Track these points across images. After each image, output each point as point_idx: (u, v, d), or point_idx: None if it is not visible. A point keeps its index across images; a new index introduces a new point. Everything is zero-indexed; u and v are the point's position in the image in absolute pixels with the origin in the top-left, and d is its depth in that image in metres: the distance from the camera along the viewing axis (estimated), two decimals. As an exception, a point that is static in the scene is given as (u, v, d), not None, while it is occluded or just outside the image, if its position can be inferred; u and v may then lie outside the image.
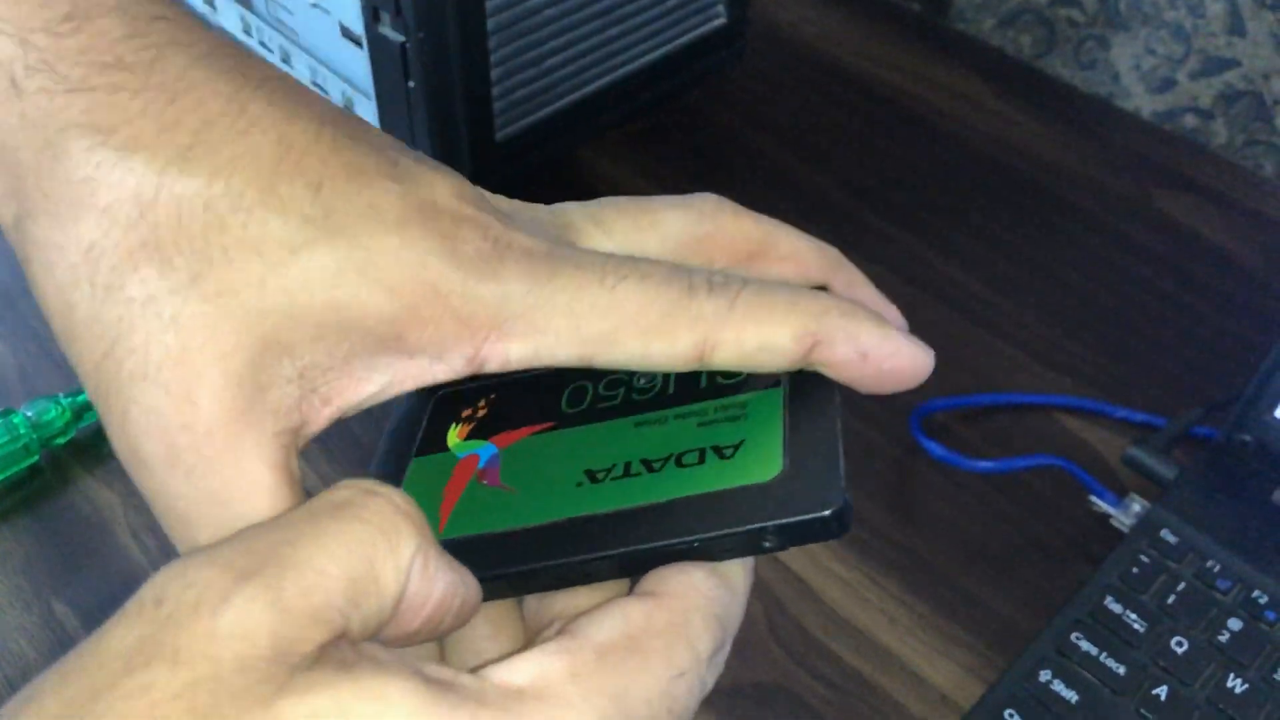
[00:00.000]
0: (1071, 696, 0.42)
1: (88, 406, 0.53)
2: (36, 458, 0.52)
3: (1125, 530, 0.47)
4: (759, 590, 0.48)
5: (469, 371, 0.24)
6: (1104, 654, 0.43)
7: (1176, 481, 0.48)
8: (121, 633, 0.18)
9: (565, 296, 0.24)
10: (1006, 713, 0.42)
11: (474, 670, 0.20)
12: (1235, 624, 0.44)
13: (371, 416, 0.25)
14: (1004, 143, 0.69)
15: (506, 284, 0.23)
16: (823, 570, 0.49)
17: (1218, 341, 0.58)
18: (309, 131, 0.23)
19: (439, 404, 0.28)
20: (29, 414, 0.52)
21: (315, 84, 0.61)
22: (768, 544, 0.23)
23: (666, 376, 0.27)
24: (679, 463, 0.25)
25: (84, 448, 0.53)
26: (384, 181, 0.23)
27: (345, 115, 0.24)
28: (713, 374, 0.26)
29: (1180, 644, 0.43)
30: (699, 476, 0.24)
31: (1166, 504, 0.47)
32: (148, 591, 0.18)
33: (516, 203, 0.26)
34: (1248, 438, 0.48)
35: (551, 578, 0.24)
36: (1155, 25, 0.69)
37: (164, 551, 0.49)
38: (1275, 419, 0.48)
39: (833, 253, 0.28)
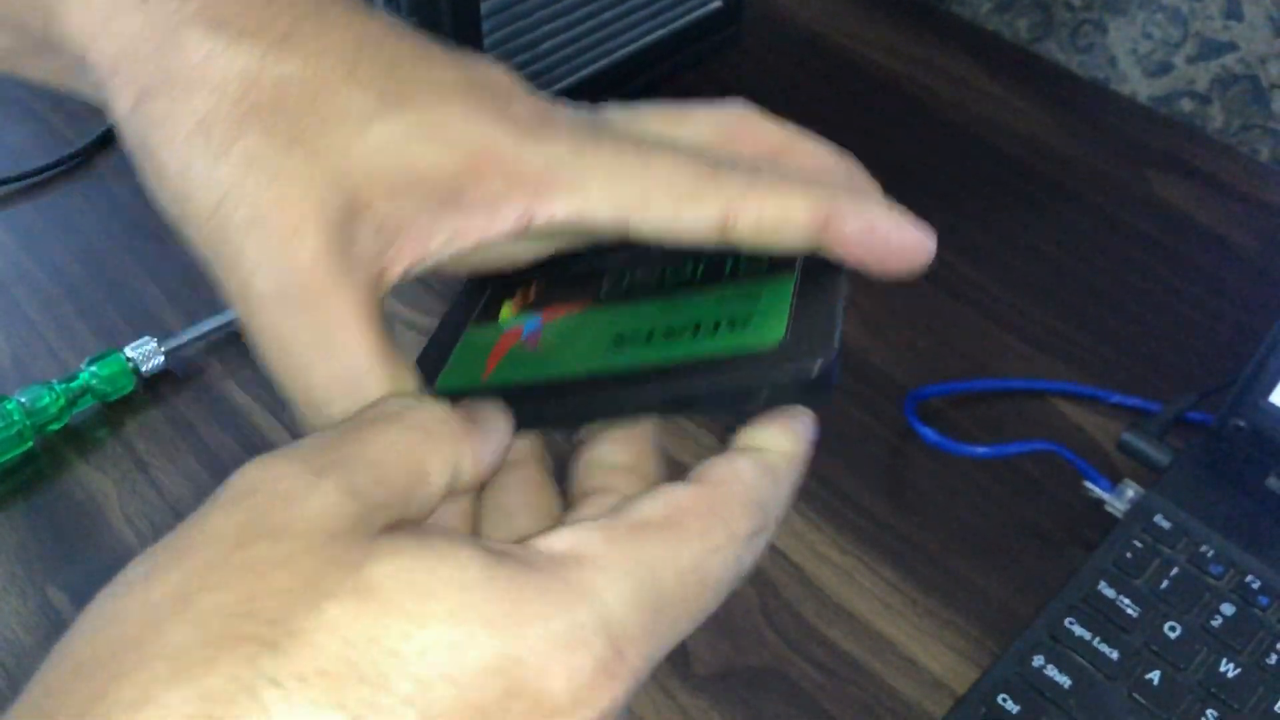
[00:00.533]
0: (1065, 681, 0.42)
1: (81, 393, 0.53)
2: (30, 444, 0.52)
3: (1119, 515, 0.47)
4: (752, 575, 0.48)
5: (519, 229, 0.27)
6: (1097, 639, 0.43)
7: (1171, 467, 0.48)
8: (223, 517, 0.21)
9: (605, 160, 0.27)
10: (1000, 697, 0.42)
11: (517, 542, 0.23)
12: (1228, 609, 0.44)
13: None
14: (1000, 127, 0.69)
15: (553, 146, 0.27)
16: (817, 555, 0.49)
17: (1213, 326, 0.58)
18: (381, 29, 0.27)
19: (495, 289, 0.32)
20: (23, 400, 0.51)
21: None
22: (764, 399, 0.26)
23: (696, 263, 0.30)
24: (695, 331, 0.28)
25: (78, 434, 0.53)
26: (446, 62, 0.27)
27: (405, 24, 0.28)
28: (737, 261, 0.30)
29: (1173, 629, 0.43)
30: (711, 342, 0.28)
31: (1160, 489, 0.47)
32: (239, 483, 0.22)
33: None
34: (1242, 423, 0.48)
35: (569, 418, 0.28)
36: (1152, 9, 0.68)
37: (157, 537, 0.49)
38: (1270, 404, 0.48)
39: (851, 160, 0.31)
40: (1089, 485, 0.49)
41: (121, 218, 0.63)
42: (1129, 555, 0.45)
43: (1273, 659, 0.43)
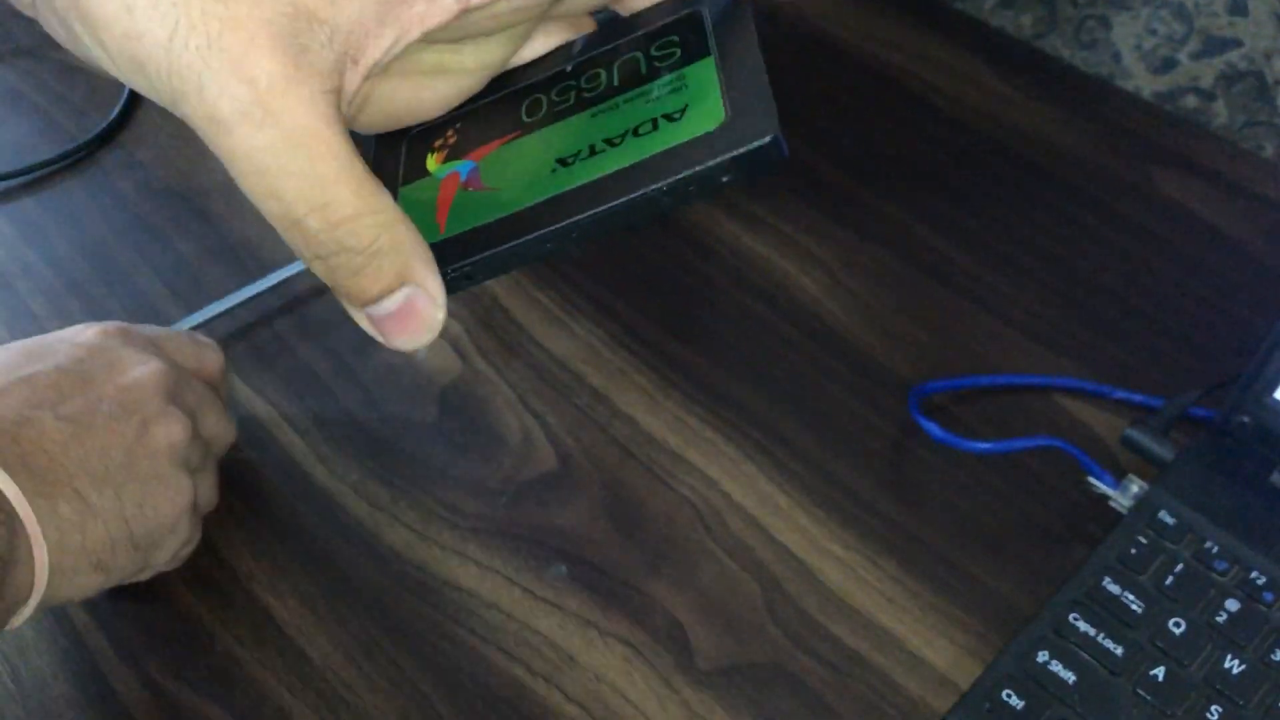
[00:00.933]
0: (1069, 677, 0.42)
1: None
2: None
3: (1123, 511, 0.47)
4: (756, 571, 0.48)
5: (461, 9, 0.28)
6: (1101, 634, 0.43)
7: (1175, 463, 0.48)
8: None
9: None
10: (1004, 693, 0.42)
11: None
12: (1233, 605, 0.44)
13: (375, 409, 0.26)
14: (1003, 122, 0.69)
15: None
16: (820, 550, 0.49)
17: (1217, 323, 0.58)
18: None
19: (411, 143, 0.33)
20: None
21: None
22: (725, 178, 0.28)
23: (610, 71, 0.32)
24: (635, 133, 0.29)
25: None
26: None
27: None
28: (650, 59, 0.31)
29: (1178, 625, 0.43)
30: (656, 139, 0.29)
31: (1164, 485, 0.47)
32: None
33: None
34: (1246, 419, 0.48)
35: (544, 245, 0.29)
36: (1156, 5, 0.68)
37: (161, 531, 0.49)
38: (1274, 400, 0.48)
39: None
40: (1093, 481, 0.49)
41: (124, 212, 0.63)
42: (1133, 551, 0.45)
43: (1277, 655, 0.42)
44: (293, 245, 0.29)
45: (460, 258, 0.30)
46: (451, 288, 0.30)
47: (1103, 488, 0.48)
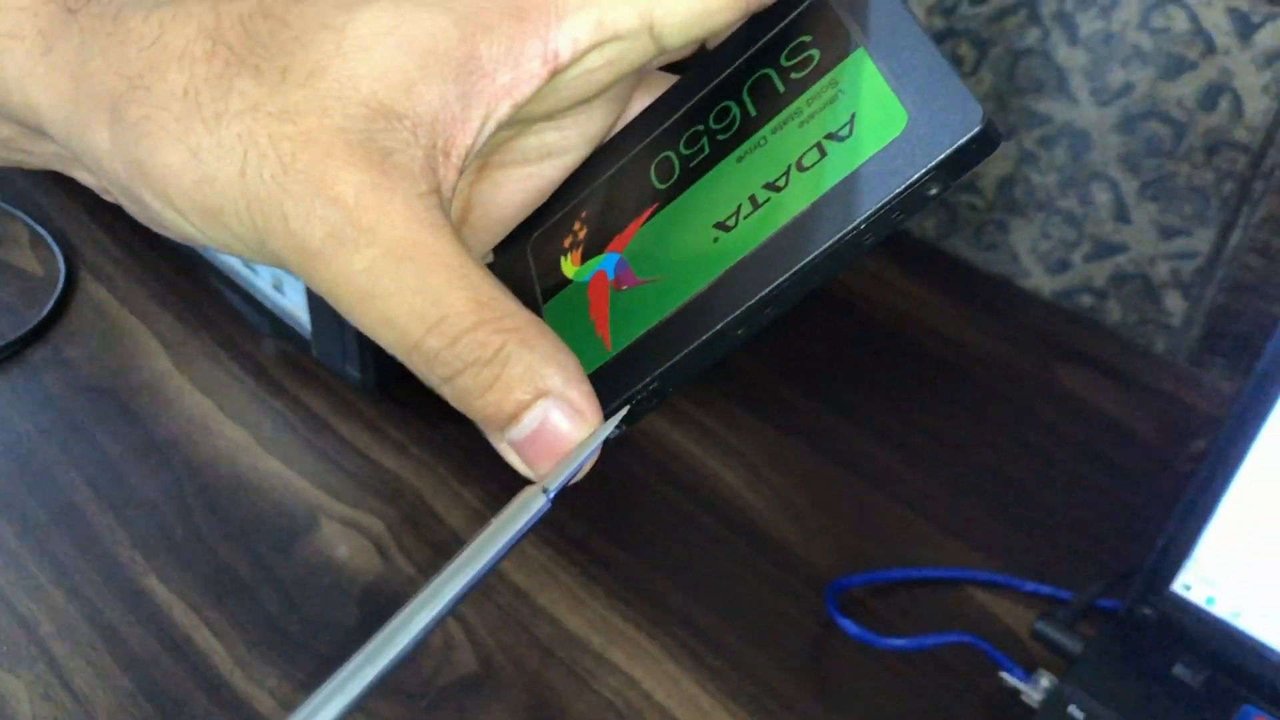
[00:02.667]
0: None
1: None
2: None
3: (1035, 706, 0.48)
4: (678, 773, 0.48)
5: (549, 73, 0.25)
6: (1018, 835, 0.43)
7: (1083, 656, 0.49)
8: None
9: None
10: None
11: None
12: (1143, 801, 0.44)
13: (295, 611, 0.26)
14: (913, 320, 0.72)
15: None
16: (742, 751, 0.49)
17: (1119, 513, 0.60)
18: None
19: (535, 250, 0.28)
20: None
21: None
22: (933, 191, 0.22)
23: (740, 100, 0.26)
24: (800, 167, 0.24)
25: None
26: None
27: None
28: (783, 71, 0.25)
29: (1091, 823, 0.44)
30: (830, 167, 0.23)
31: (1073, 679, 0.48)
32: None
33: None
34: (1148, 611, 0.50)
35: (735, 333, 0.24)
36: (1050, 211, 0.73)
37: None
38: (1173, 592, 0.50)
39: None
40: (1005, 675, 0.50)
41: (49, 410, 0.63)
42: (1046, 747, 0.46)
43: None
44: (415, 371, 0.24)
45: (641, 375, 0.25)
46: (641, 409, 0.25)
47: (1015, 682, 0.49)
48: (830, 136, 0.24)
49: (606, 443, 0.25)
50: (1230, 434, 0.47)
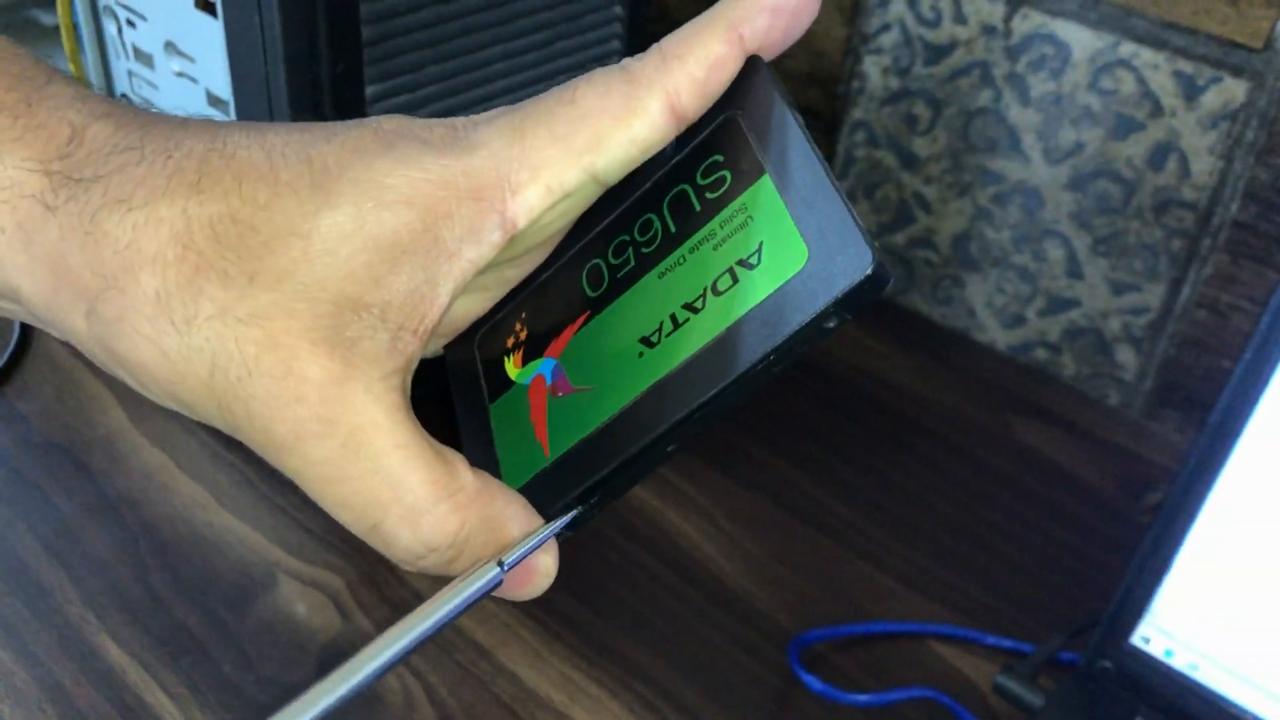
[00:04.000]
0: None
1: None
2: None
3: (998, 760, 0.48)
4: (641, 833, 0.47)
5: (507, 239, 0.27)
6: None
7: (1044, 709, 0.49)
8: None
9: (542, 129, 0.27)
10: None
11: None
12: None
13: (251, 670, 0.26)
14: (871, 374, 0.73)
15: (490, 145, 0.26)
16: (705, 810, 0.48)
17: (1076, 566, 0.61)
18: (281, 134, 0.27)
19: (482, 348, 0.30)
20: None
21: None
22: (831, 324, 0.24)
23: (660, 215, 0.28)
24: (715, 290, 0.26)
25: None
26: (352, 133, 0.27)
27: (297, 123, 0.29)
28: (699, 190, 0.27)
29: None
30: (740, 296, 0.25)
31: (1035, 733, 0.48)
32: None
33: None
34: (1108, 664, 0.50)
35: (664, 448, 0.26)
36: (1004, 267, 0.74)
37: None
38: (1132, 645, 0.50)
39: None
40: (967, 730, 0.50)
41: (1, 467, 0.62)
42: (1009, 802, 0.46)
43: None
44: (380, 550, 0.26)
45: (574, 485, 0.27)
46: (577, 521, 0.27)
47: (977, 737, 0.49)
48: (741, 263, 0.25)
49: (557, 537, 0.27)
50: (1185, 487, 0.48)
